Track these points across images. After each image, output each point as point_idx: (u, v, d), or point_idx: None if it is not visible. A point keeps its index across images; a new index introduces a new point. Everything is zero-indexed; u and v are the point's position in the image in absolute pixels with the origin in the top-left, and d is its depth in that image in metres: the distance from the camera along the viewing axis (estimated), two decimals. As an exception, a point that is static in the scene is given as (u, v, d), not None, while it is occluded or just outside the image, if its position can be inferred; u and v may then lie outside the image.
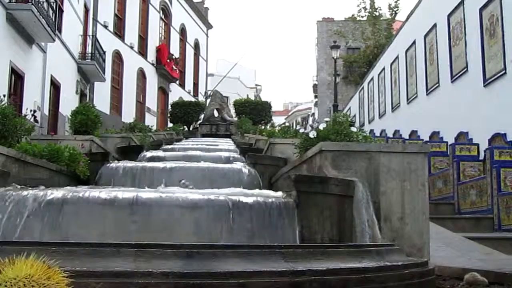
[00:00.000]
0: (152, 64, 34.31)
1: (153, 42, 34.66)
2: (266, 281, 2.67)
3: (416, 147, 5.48)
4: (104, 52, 25.70)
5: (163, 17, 37.05)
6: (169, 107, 30.29)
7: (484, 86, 13.25)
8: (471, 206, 9.70)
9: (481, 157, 10.66)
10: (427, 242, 4.99)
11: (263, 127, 22.15)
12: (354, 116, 29.89)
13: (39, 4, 15.69)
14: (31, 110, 10.12)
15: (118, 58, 29.61)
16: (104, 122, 13.62)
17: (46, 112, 18.52)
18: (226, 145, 15.28)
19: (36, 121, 11.02)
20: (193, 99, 35.28)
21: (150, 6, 34.16)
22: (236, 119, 25.08)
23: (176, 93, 37.37)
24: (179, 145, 15.42)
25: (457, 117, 14.89)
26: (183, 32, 40.92)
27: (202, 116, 27.00)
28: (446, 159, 11.77)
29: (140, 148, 11.68)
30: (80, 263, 2.56)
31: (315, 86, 49.93)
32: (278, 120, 47.70)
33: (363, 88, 30.10)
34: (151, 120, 31.44)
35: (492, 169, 9.09)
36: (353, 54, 40.15)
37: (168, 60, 35.79)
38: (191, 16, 42.58)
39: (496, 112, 12.37)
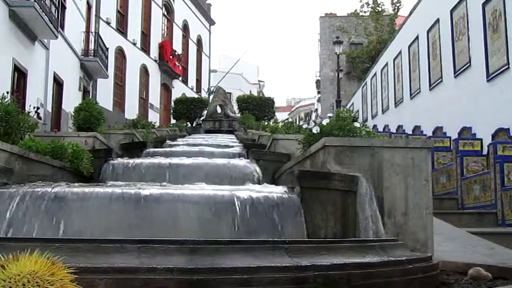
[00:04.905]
0: (155, 61, 34.29)
1: (155, 38, 34.63)
2: (270, 277, 2.67)
3: (419, 142, 5.48)
4: (107, 49, 25.69)
5: (165, 13, 37.01)
6: (172, 103, 30.28)
7: (487, 81, 13.22)
8: (474, 201, 9.69)
9: (485, 152, 10.64)
10: (430, 237, 4.99)
11: (266, 123, 22.09)
12: (357, 111, 29.89)
13: (42, 1, 15.68)
14: (34, 107, 10.10)
15: (120, 54, 29.60)
16: (107, 119, 13.62)
17: (49, 109, 18.53)
18: (230, 141, 15.27)
19: (39, 118, 11.03)
20: (196, 96, 35.28)
21: (153, 3, 34.14)
22: (239, 115, 25.06)
23: (179, 90, 37.36)
24: (182, 141, 15.43)
25: (460, 112, 14.87)
26: (185, 28, 40.89)
27: (205, 112, 27.01)
28: (450, 154, 11.75)
29: (143, 144, 11.68)
30: (84, 259, 2.57)
31: (318, 81, 49.90)
32: (281, 116, 47.69)
33: (366, 83, 30.06)
34: (154, 117, 31.43)
35: (495, 164, 9.07)
36: (356, 49, 40.10)
37: (170, 57, 35.77)
38: (193, 13, 42.55)
39: (500, 107, 12.34)
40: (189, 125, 26.58)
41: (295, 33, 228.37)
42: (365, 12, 39.39)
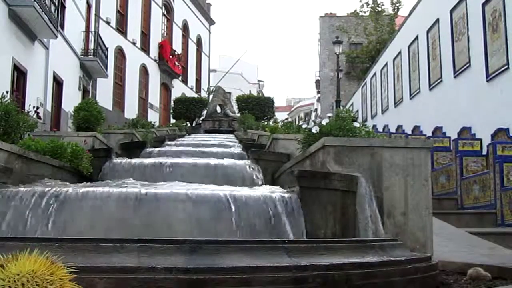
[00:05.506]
0: (155, 60, 34.27)
1: (155, 38, 34.61)
2: (269, 276, 2.67)
3: (419, 142, 5.48)
4: (107, 48, 25.66)
5: (165, 13, 36.98)
6: (172, 103, 30.26)
7: (487, 81, 13.22)
8: (474, 201, 9.69)
9: (484, 152, 10.64)
10: (430, 237, 4.99)
11: (265, 122, 22.07)
12: (357, 111, 29.87)
13: (42, 1, 15.66)
14: (33, 107, 10.10)
15: (120, 54, 29.58)
16: (106, 118, 13.62)
17: (48, 108, 18.51)
18: (229, 141, 15.26)
19: (39, 117, 11.01)
20: (195, 95, 35.24)
21: (153, 2, 34.11)
22: (238, 115, 25.05)
23: (178, 89, 37.35)
24: (181, 141, 15.43)
25: (460, 112, 14.87)
26: (185, 28, 40.86)
27: (204, 112, 26.99)
28: (449, 154, 11.75)
29: (143, 144, 11.68)
30: (83, 259, 2.56)
31: (317, 81, 49.92)
32: (280, 116, 47.63)
33: (365, 83, 30.05)
34: (153, 116, 31.41)
35: (495, 164, 9.08)
36: (356, 49, 40.11)
37: (170, 56, 35.74)
38: (193, 12, 42.52)
39: (499, 107, 12.34)
40: (189, 124, 26.56)
41: (295, 33, 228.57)
42: (365, 12, 39.37)
